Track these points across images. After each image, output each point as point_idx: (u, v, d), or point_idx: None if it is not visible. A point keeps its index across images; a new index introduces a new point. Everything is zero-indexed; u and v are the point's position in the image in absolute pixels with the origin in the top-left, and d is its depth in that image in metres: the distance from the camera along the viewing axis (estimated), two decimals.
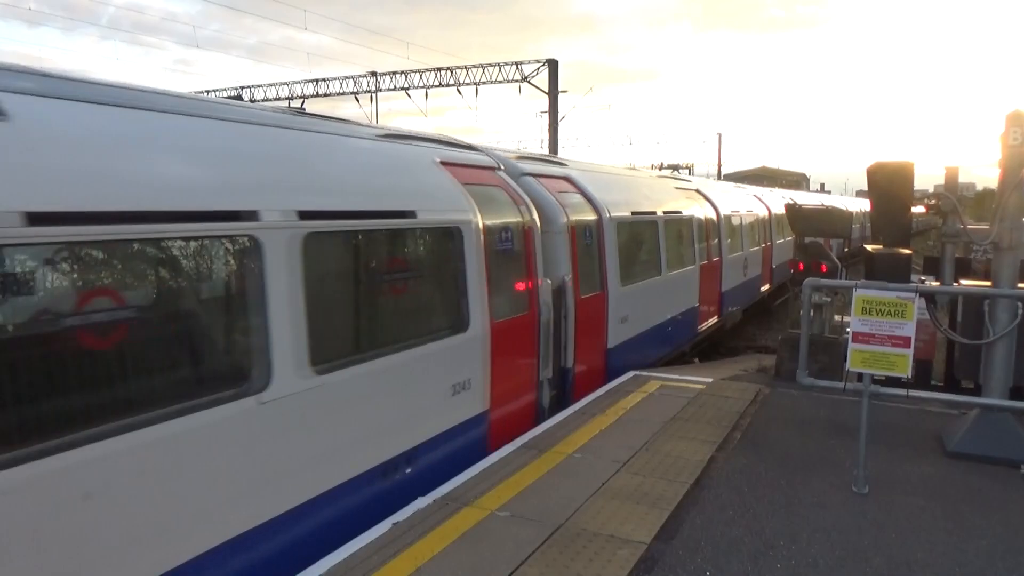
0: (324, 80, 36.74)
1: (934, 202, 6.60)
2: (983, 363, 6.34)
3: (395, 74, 34.60)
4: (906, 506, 5.21)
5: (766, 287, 20.13)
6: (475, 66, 32.95)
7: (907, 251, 7.07)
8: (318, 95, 36.92)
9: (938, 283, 6.66)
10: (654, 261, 10.85)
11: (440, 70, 33.65)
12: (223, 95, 31.99)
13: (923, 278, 8.37)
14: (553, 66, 31.01)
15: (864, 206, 41.27)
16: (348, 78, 35.87)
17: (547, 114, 32.02)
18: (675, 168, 57.81)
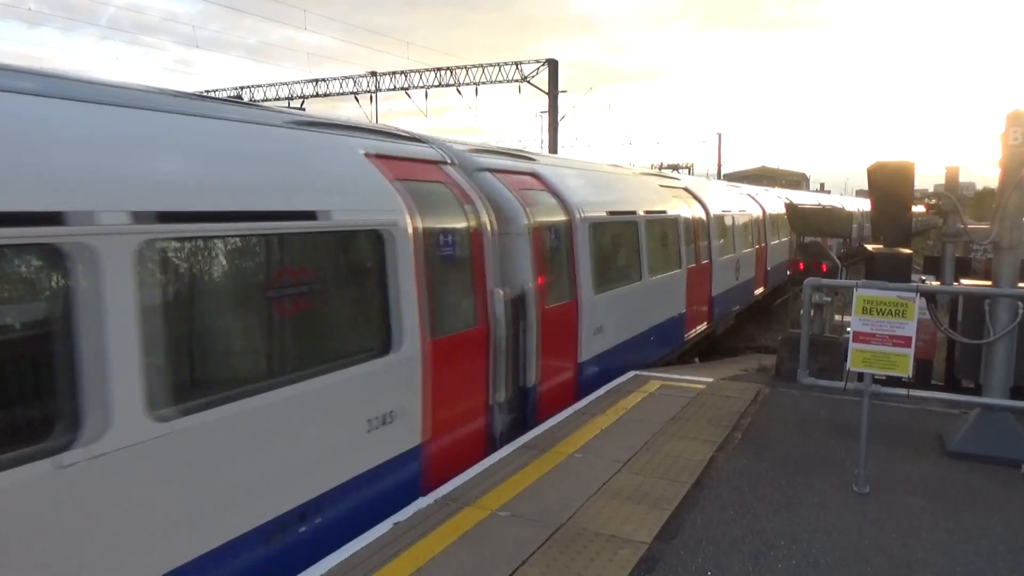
0: (324, 80, 36.79)
1: (934, 202, 6.61)
2: (983, 363, 6.35)
3: (395, 74, 34.64)
4: (907, 506, 5.21)
5: (760, 290, 19.40)
6: (475, 66, 32.99)
7: (907, 251, 7.07)
8: (318, 95, 36.97)
9: (938, 283, 6.66)
10: (634, 265, 10.09)
11: (440, 70, 33.69)
12: (223, 95, 32.00)
13: (923, 278, 8.38)
14: (553, 66, 31.05)
15: (862, 206, 41.25)
16: (348, 78, 35.92)
17: (547, 114, 32.08)
18: (675, 168, 57.92)
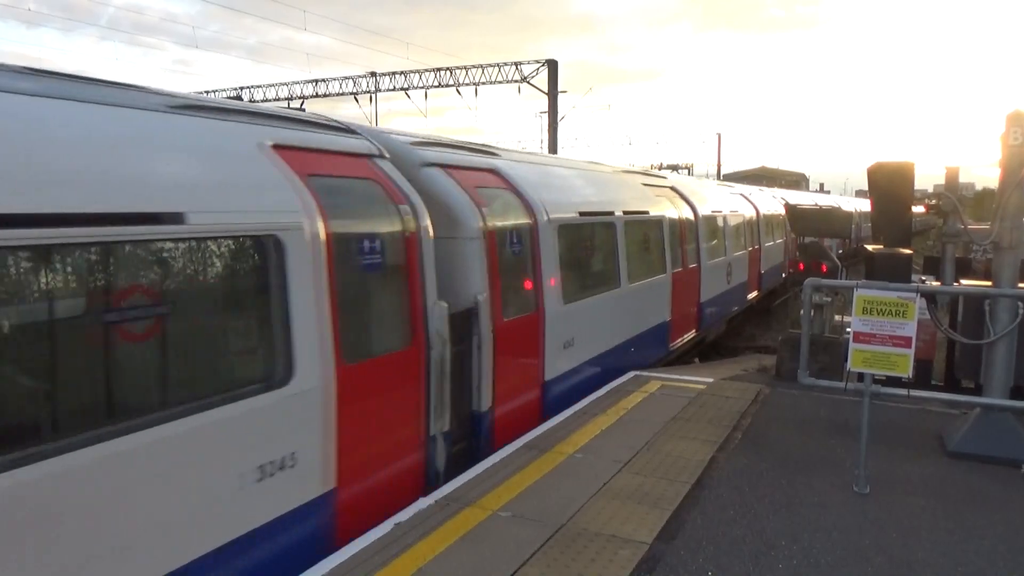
0: (324, 80, 36.80)
1: (934, 202, 6.61)
2: (984, 363, 6.35)
3: (395, 74, 34.65)
4: (907, 506, 5.21)
5: (754, 294, 18.52)
6: (475, 66, 33.00)
7: (907, 251, 7.08)
8: (318, 95, 36.97)
9: (938, 283, 6.67)
10: (612, 271, 9.30)
11: (440, 70, 33.71)
12: (223, 96, 32.00)
13: (923, 278, 8.38)
14: (552, 66, 31.06)
15: (860, 206, 41.24)
16: (348, 78, 35.93)
17: (547, 114, 32.09)
18: (675, 168, 58.01)
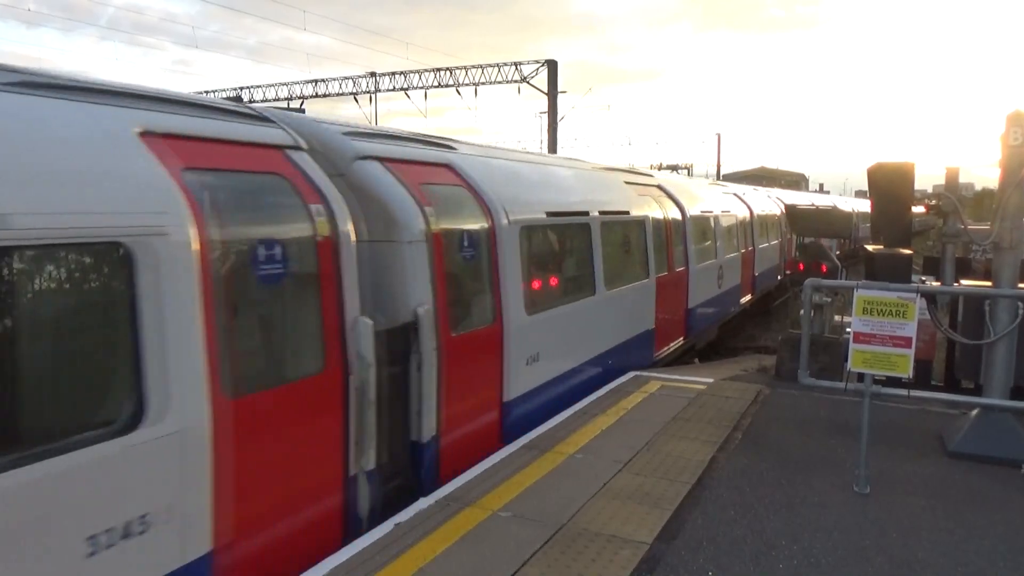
0: (323, 81, 36.81)
1: (935, 202, 6.62)
2: (984, 363, 6.36)
3: (394, 75, 34.66)
4: (907, 506, 5.22)
5: (747, 298, 17.69)
6: (474, 67, 33.02)
7: (908, 251, 7.08)
8: (317, 95, 36.98)
9: (938, 283, 6.67)
10: (586, 276, 8.52)
11: (439, 70, 33.72)
12: (223, 96, 32.00)
13: (923, 278, 8.39)
14: (552, 66, 31.07)
15: (858, 206, 41.23)
16: (347, 78, 35.95)
17: (546, 115, 32.10)
18: (674, 168, 58.03)
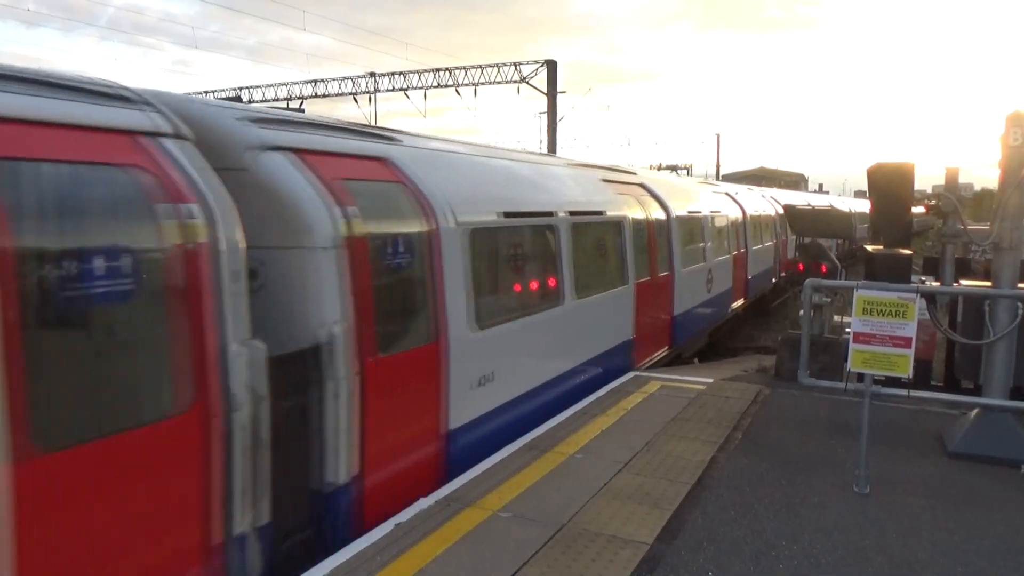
0: (323, 81, 36.81)
1: (935, 203, 6.62)
2: (983, 363, 6.36)
3: (394, 75, 34.66)
4: (907, 506, 5.22)
5: (739, 302, 16.70)
6: (474, 67, 33.03)
7: (907, 251, 7.08)
8: (317, 96, 36.96)
9: (938, 283, 6.67)
10: (551, 284, 7.70)
11: (439, 71, 33.72)
12: (222, 96, 32.00)
13: (923, 278, 8.39)
14: (552, 67, 31.07)
15: (856, 206, 41.23)
16: (347, 79, 35.94)
17: (546, 115, 32.10)
18: (674, 169, 58.04)
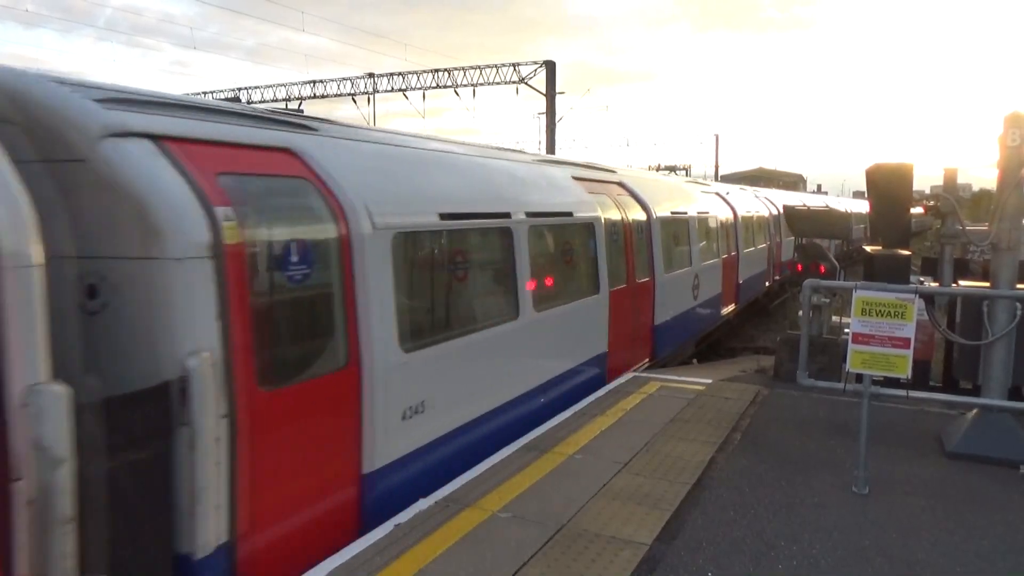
0: (321, 82, 36.82)
1: (933, 203, 6.63)
2: (982, 363, 6.36)
3: (392, 75, 34.69)
4: (906, 506, 5.22)
5: (730, 308, 15.74)
6: (472, 67, 33.06)
7: (906, 252, 7.10)
8: (315, 96, 36.98)
9: (937, 284, 6.68)
10: (504, 295, 6.73)
11: (437, 71, 33.74)
12: (220, 97, 31.98)
13: (921, 279, 8.40)
14: (550, 67, 31.10)
15: (852, 206, 41.24)
16: (345, 79, 35.97)
17: (544, 116, 32.10)
18: (672, 169, 58.08)
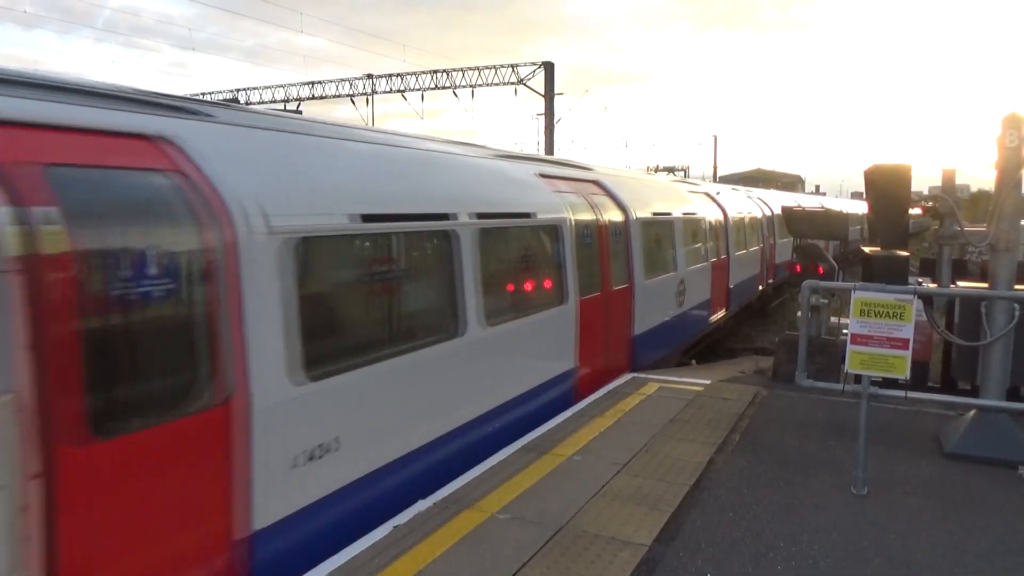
0: (320, 82, 36.84)
1: (932, 204, 6.64)
2: (980, 364, 6.37)
3: (391, 76, 34.70)
4: (905, 507, 5.23)
5: (720, 314, 14.88)
6: (471, 68, 33.07)
7: (905, 253, 7.10)
8: (314, 97, 36.99)
9: (935, 284, 6.69)
10: (443, 310, 5.92)
11: (436, 72, 33.76)
12: (219, 98, 31.97)
13: (920, 280, 8.40)
14: (549, 68, 31.12)
15: (848, 207, 41.26)
16: (344, 80, 36.00)
17: (543, 116, 32.11)
18: (671, 170, 58.10)
